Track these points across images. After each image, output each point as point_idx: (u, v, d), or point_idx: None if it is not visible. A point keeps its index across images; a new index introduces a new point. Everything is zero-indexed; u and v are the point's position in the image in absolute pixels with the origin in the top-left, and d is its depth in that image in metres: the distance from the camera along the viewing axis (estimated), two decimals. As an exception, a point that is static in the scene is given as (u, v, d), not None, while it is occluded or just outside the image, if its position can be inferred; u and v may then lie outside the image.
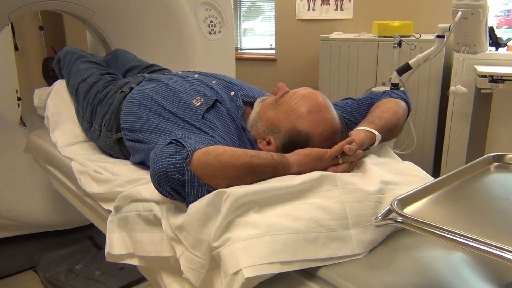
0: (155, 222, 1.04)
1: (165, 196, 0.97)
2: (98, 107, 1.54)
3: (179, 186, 0.93)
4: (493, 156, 0.93)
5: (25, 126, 2.39)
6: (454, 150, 3.12)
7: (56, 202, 2.28)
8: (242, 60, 4.25)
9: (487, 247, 0.59)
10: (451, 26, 2.35)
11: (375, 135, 1.15)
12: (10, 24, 3.07)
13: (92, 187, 1.32)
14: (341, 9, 3.84)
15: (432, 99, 3.19)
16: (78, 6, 2.27)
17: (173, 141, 0.97)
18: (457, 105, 3.05)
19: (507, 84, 2.64)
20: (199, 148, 0.96)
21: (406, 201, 0.78)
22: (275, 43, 4.27)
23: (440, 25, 2.52)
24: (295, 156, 1.05)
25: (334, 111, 1.16)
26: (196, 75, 1.44)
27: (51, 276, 2.13)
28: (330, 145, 1.09)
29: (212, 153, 0.96)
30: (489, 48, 2.70)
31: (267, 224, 0.86)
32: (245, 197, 0.89)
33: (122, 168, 1.35)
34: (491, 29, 2.88)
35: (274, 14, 4.22)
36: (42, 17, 4.01)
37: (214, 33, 2.65)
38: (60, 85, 1.86)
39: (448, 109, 3.09)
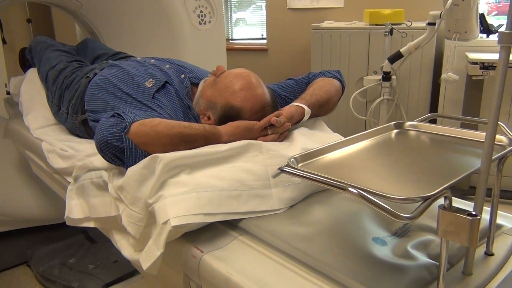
0: (105, 187, 1.26)
1: (108, 161, 1.19)
2: (66, 91, 1.77)
3: (119, 153, 1.15)
4: (394, 124, 1.14)
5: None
6: (446, 138, 3.26)
7: (48, 196, 2.41)
8: (234, 51, 4.46)
9: (333, 182, 0.80)
10: (442, 13, 2.49)
11: (305, 109, 1.37)
12: (-4, 17, 3.22)
13: (59, 163, 1.55)
14: (332, -3, 3.97)
15: (423, 87, 3.35)
16: (65, -3, 2.38)
17: (115, 114, 1.19)
18: (449, 92, 3.18)
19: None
20: (137, 120, 1.18)
21: (303, 157, 0.98)
22: (267, 33, 4.43)
23: (431, 12, 2.66)
24: (226, 127, 1.28)
25: (265, 88, 1.39)
26: (152, 60, 1.67)
27: (44, 271, 2.22)
28: (260, 118, 1.31)
29: (148, 124, 1.18)
30: (480, 35, 2.83)
31: (195, 183, 1.08)
32: (176, 160, 1.11)
33: (85, 146, 1.58)
34: (482, 16, 3.02)
35: (265, 3, 4.37)
36: (30, 10, 4.19)
37: (204, 23, 2.74)
38: (32, 73, 2.10)
39: (440, 96, 3.23)
